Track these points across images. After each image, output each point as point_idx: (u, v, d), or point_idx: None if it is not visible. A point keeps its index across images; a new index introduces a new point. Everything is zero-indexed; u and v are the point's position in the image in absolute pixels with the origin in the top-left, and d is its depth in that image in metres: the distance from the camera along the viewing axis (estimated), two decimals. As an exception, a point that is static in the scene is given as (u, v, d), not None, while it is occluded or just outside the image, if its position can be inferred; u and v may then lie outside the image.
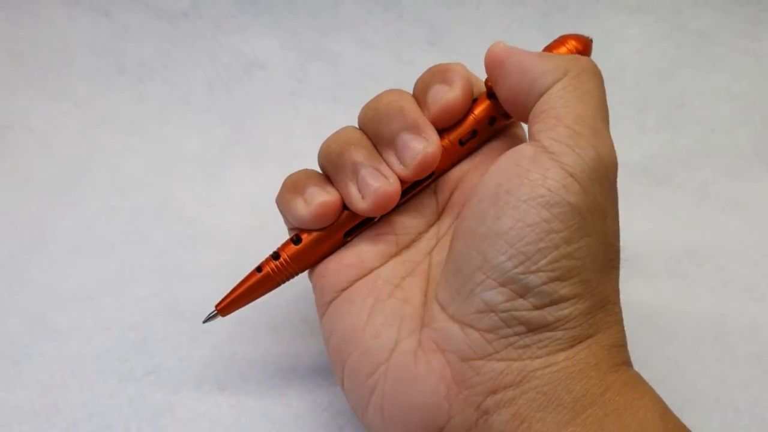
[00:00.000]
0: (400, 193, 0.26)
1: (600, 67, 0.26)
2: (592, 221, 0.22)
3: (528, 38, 0.50)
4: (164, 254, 0.40)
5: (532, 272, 0.21)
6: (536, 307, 0.22)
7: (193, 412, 0.31)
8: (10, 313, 0.35)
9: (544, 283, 0.22)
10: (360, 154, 0.26)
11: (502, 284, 0.22)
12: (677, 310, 0.37)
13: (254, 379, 0.33)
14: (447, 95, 0.26)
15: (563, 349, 0.22)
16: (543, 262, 0.21)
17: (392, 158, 0.27)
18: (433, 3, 0.50)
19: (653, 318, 0.37)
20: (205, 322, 0.29)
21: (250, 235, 0.41)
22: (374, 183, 0.26)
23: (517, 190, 0.22)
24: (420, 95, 0.27)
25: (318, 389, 0.32)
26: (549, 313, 0.22)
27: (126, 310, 0.36)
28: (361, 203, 0.26)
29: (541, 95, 0.24)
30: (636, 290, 0.38)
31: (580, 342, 0.22)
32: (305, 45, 0.50)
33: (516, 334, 0.22)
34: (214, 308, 0.29)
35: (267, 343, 0.34)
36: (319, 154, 0.28)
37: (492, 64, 0.26)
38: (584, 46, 0.28)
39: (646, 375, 0.33)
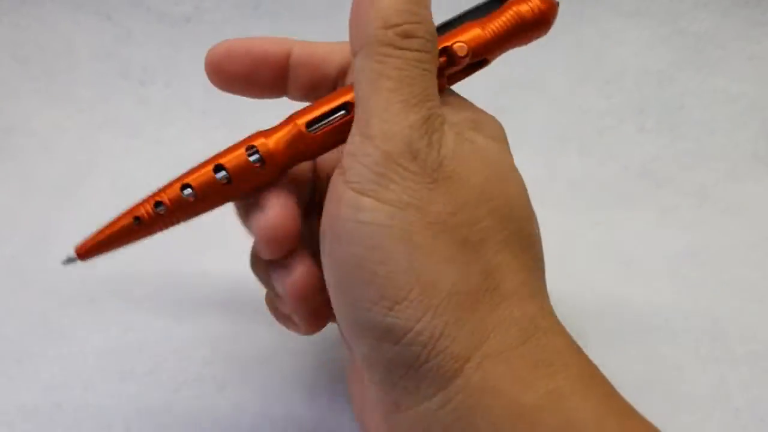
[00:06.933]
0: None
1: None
2: (396, 226, 0.20)
3: (527, 41, 0.50)
4: (164, 255, 0.40)
5: (368, 310, 0.20)
6: (396, 343, 0.20)
7: (192, 411, 0.31)
8: (13, 313, 0.36)
9: (385, 316, 0.19)
10: None
11: (358, 336, 0.21)
12: (677, 310, 0.37)
13: (254, 379, 0.33)
14: None
15: (453, 378, 0.19)
16: (370, 296, 0.20)
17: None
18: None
19: (654, 318, 0.37)
20: (64, 263, 0.26)
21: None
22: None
23: (338, 232, 0.20)
24: None
25: (317, 388, 0.32)
26: (407, 345, 0.19)
27: (126, 311, 0.36)
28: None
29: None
30: (637, 291, 0.38)
31: (467, 361, 0.19)
32: (306, 49, 0.51)
33: (401, 378, 0.20)
34: (74, 252, 0.26)
35: (266, 342, 0.35)
36: None
37: None
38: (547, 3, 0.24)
39: (646, 375, 0.34)
